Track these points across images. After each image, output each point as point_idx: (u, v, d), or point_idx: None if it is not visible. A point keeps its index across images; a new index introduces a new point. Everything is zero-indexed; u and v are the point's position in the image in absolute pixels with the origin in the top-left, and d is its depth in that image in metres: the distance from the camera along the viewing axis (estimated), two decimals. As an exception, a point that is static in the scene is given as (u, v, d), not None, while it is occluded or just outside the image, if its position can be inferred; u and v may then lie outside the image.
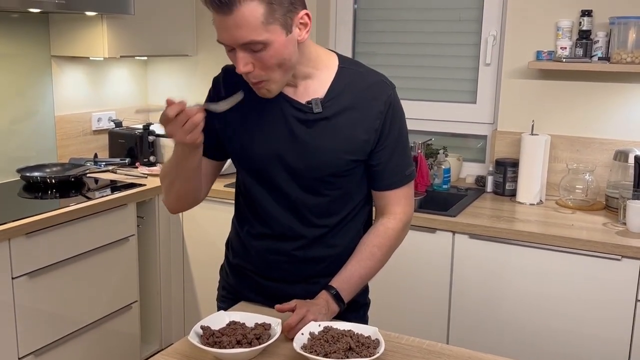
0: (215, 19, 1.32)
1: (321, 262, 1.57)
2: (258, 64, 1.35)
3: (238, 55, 1.34)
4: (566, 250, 2.22)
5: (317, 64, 1.47)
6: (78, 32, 2.87)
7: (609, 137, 2.65)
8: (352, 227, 1.59)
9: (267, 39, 1.31)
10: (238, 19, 1.28)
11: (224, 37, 1.33)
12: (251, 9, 1.28)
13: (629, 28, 2.41)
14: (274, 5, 1.30)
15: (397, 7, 3.11)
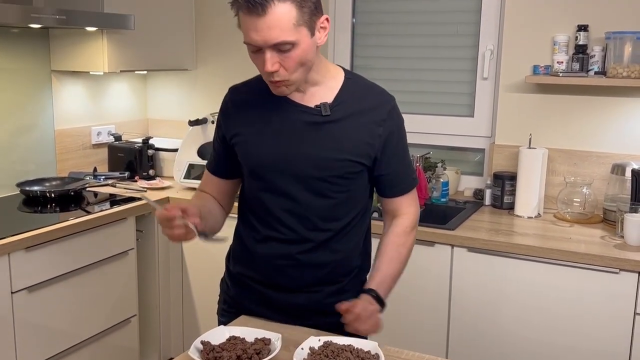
0: (246, 20, 1.38)
1: (324, 267, 1.60)
2: (284, 64, 1.41)
3: (266, 55, 1.40)
4: (564, 263, 2.23)
5: (326, 73, 1.55)
6: (78, 47, 2.89)
7: (606, 150, 2.67)
8: (355, 235, 1.64)
9: (296, 40, 1.38)
10: (271, 19, 1.35)
11: (255, 38, 1.39)
12: (285, 10, 1.35)
13: (625, 43, 2.43)
14: (303, 8, 1.38)
15: (395, 22, 3.14)
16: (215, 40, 3.38)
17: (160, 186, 3.02)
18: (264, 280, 1.63)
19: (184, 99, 3.52)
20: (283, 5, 1.35)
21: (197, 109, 3.43)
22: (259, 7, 1.34)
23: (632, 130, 2.62)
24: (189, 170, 3.03)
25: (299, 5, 1.37)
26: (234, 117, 1.60)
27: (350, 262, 1.65)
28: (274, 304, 1.63)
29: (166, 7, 3.14)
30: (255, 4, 1.35)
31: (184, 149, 3.13)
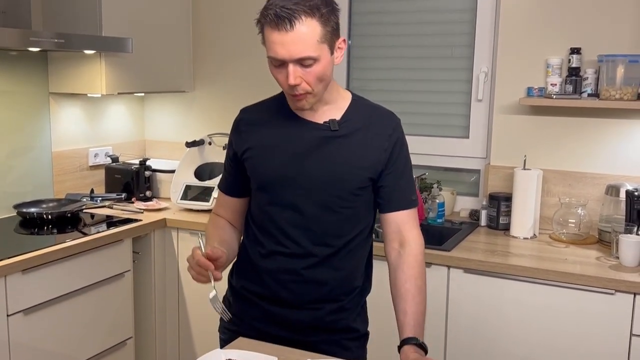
0: (272, 35, 1.45)
1: (326, 284, 1.63)
2: (305, 78, 1.48)
3: (290, 69, 1.47)
4: (560, 284, 2.24)
5: (336, 95, 1.65)
6: (76, 69, 2.92)
7: (600, 171, 2.69)
8: (357, 253, 1.68)
9: (319, 56, 1.47)
10: (297, 35, 1.43)
11: (280, 52, 1.45)
12: (310, 27, 1.44)
13: (617, 65, 2.46)
14: (326, 26, 1.47)
15: (391, 45, 3.17)
16: (212, 63, 3.41)
17: (156, 207, 3.03)
18: (267, 295, 1.66)
19: (181, 121, 3.54)
20: (309, 21, 1.44)
21: (194, 131, 3.45)
22: (286, 22, 1.42)
23: (626, 152, 2.64)
24: (186, 192, 3.04)
25: (323, 24, 1.46)
26: (245, 134, 1.66)
27: (352, 281, 1.69)
28: (276, 320, 1.66)
29: (164, 30, 3.18)
30: (283, 19, 1.42)
31: (181, 170, 3.14)
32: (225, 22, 3.34)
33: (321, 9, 1.45)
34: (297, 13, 1.42)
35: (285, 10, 1.42)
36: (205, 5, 3.37)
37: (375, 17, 3.19)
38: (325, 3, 1.48)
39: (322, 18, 1.45)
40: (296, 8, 1.43)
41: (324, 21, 1.46)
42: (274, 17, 1.43)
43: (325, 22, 1.46)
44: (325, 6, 1.47)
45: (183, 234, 2.90)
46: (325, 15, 1.46)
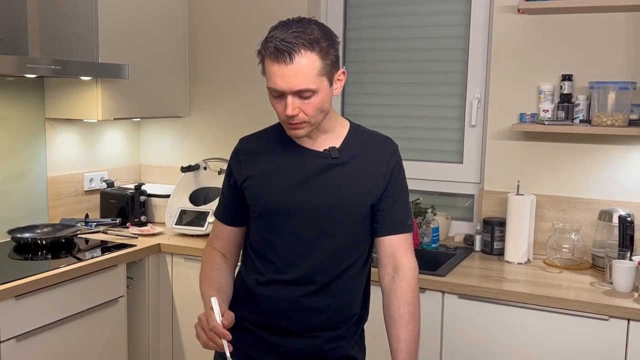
0: (272, 67, 1.47)
1: (324, 312, 1.63)
2: (303, 109, 1.50)
3: (288, 100, 1.49)
4: (554, 310, 2.24)
5: (335, 123, 1.67)
6: (73, 95, 2.93)
7: (593, 197, 2.70)
8: (356, 280, 1.68)
9: (317, 88, 1.50)
10: (297, 68, 1.45)
11: (280, 84, 1.48)
12: (310, 60, 1.47)
13: (608, 92, 2.49)
14: (326, 60, 1.50)
15: (385, 71, 3.20)
16: (208, 88, 3.44)
17: (151, 232, 3.03)
18: (265, 323, 1.66)
19: (177, 146, 3.55)
20: (309, 55, 1.46)
21: (189, 156, 3.46)
22: (286, 55, 1.45)
23: (618, 177, 2.66)
24: (181, 216, 3.04)
25: (323, 57, 1.48)
26: (245, 162, 1.67)
27: (350, 309, 1.69)
28: (273, 348, 1.66)
29: (160, 56, 3.20)
30: (283, 52, 1.45)
31: (176, 195, 3.14)
32: (221, 49, 3.37)
33: (321, 43, 1.48)
34: (296, 46, 1.45)
35: (285, 43, 1.45)
36: (201, 31, 3.41)
37: (370, 44, 3.23)
38: (325, 36, 1.50)
39: (322, 52, 1.48)
40: (296, 41, 1.45)
41: (324, 55, 1.48)
42: (274, 50, 1.46)
43: (324, 55, 1.49)
44: (325, 40, 1.49)
45: (177, 259, 2.89)
46: (325, 49, 1.49)
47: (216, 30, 3.38)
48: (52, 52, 2.85)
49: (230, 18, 3.33)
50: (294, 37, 1.45)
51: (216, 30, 3.38)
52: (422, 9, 3.11)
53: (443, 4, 3.06)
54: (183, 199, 3.13)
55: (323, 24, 1.55)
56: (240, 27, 3.30)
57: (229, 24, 3.34)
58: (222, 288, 1.66)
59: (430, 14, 3.09)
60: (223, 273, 1.71)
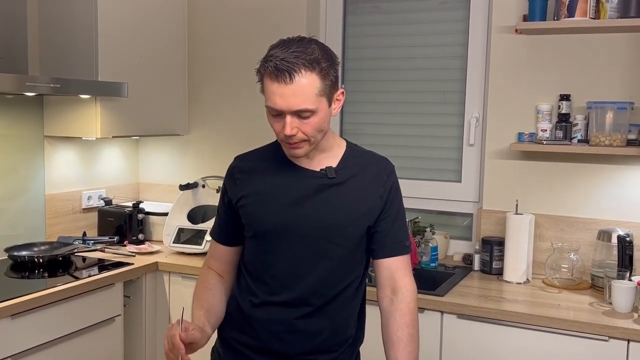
0: (272, 86, 1.46)
1: (319, 334, 1.61)
2: (302, 129, 1.49)
3: (287, 120, 1.48)
4: (554, 330, 2.22)
5: (332, 142, 1.65)
6: (72, 113, 2.94)
7: (591, 216, 2.70)
8: (351, 301, 1.66)
9: (316, 108, 1.49)
10: (297, 88, 1.44)
11: (279, 103, 1.46)
12: (310, 80, 1.46)
13: (606, 112, 2.50)
14: (325, 80, 1.49)
15: (384, 90, 3.22)
16: (207, 106, 3.45)
17: (149, 250, 3.02)
18: (258, 346, 1.63)
19: (176, 164, 3.55)
20: (309, 75, 1.46)
21: (188, 174, 3.46)
22: (286, 75, 1.44)
23: (617, 197, 2.66)
24: (179, 235, 3.03)
25: (323, 77, 1.48)
26: (240, 181, 1.66)
27: (345, 331, 1.67)
28: None
29: (159, 74, 3.21)
30: (283, 72, 1.44)
31: (174, 213, 3.14)
32: (221, 67, 3.39)
33: (321, 63, 1.47)
34: (297, 66, 1.44)
35: (285, 62, 1.44)
36: (200, 50, 3.42)
37: (368, 63, 3.24)
38: (326, 56, 1.50)
39: (322, 72, 1.47)
40: (296, 61, 1.44)
41: (324, 75, 1.48)
42: (274, 69, 1.45)
43: (324, 75, 1.48)
44: (326, 60, 1.49)
45: (175, 277, 2.88)
46: (325, 69, 1.48)
47: (215, 49, 3.39)
48: (52, 70, 2.86)
49: (230, 37, 3.35)
50: (295, 57, 1.45)
51: (215, 49, 3.39)
52: (421, 28, 3.13)
53: (441, 24, 3.08)
54: (181, 217, 3.12)
55: (323, 44, 1.54)
56: (239, 46, 3.32)
57: (228, 43, 3.35)
58: (212, 309, 1.65)
59: (429, 33, 3.11)
60: (216, 294, 1.70)
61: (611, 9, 2.47)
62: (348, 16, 3.28)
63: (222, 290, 1.72)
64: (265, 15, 3.24)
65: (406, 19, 3.16)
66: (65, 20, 2.86)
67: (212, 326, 1.62)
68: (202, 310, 1.62)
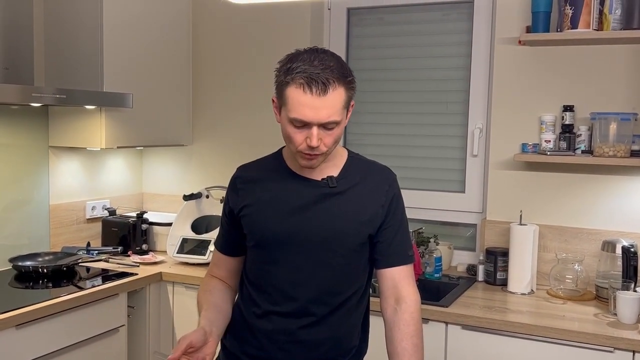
0: (302, 97, 1.45)
1: (322, 345, 1.61)
2: (324, 140, 1.50)
3: (314, 131, 1.48)
4: (558, 342, 2.22)
5: (334, 153, 1.64)
6: (77, 123, 2.95)
7: (595, 227, 2.70)
8: (354, 311, 1.66)
9: (341, 120, 1.51)
10: (328, 101, 1.45)
11: (309, 115, 1.46)
12: (339, 93, 1.48)
13: (609, 123, 2.50)
14: (349, 93, 1.52)
15: (388, 101, 3.23)
16: (211, 117, 3.46)
17: (153, 261, 3.02)
18: (262, 356, 1.63)
19: (180, 174, 3.56)
20: (340, 88, 1.48)
21: (192, 184, 3.47)
22: (321, 87, 1.44)
23: (621, 208, 2.66)
24: (182, 245, 3.03)
25: (348, 90, 1.50)
26: (243, 191, 1.66)
27: (349, 341, 1.67)
28: None
29: (164, 85, 3.23)
30: (317, 84, 1.44)
31: (178, 224, 3.14)
32: (224, 78, 3.40)
33: (347, 77, 1.50)
34: (331, 79, 1.45)
35: (319, 74, 1.44)
36: (205, 61, 3.44)
37: (372, 74, 3.25)
38: (348, 69, 1.52)
39: (348, 85, 1.50)
40: (330, 73, 1.45)
41: (349, 87, 1.50)
42: (309, 80, 1.44)
43: (350, 88, 1.51)
44: (350, 73, 1.52)
45: (178, 288, 2.88)
46: (350, 82, 1.51)
47: (219, 60, 3.41)
48: (57, 81, 2.88)
49: (234, 48, 3.36)
50: (325, 69, 1.45)
51: (219, 60, 3.41)
52: (424, 39, 3.15)
53: (444, 35, 3.10)
54: (185, 228, 3.12)
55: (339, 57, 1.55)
56: (243, 58, 3.33)
57: (232, 54, 3.37)
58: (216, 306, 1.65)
59: (432, 44, 3.13)
60: (216, 294, 1.70)
61: (614, 20, 2.48)
62: (352, 27, 3.30)
63: (225, 292, 1.72)
64: (270, 27, 3.26)
65: (410, 30, 3.17)
66: (71, 31, 2.88)
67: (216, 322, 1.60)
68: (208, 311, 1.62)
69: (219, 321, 1.62)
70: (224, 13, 3.36)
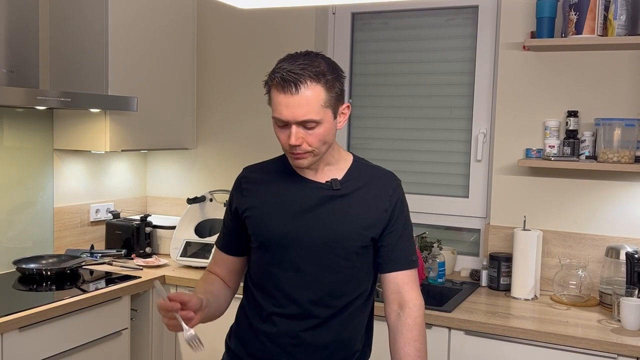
0: (278, 97, 1.50)
1: (326, 348, 1.62)
2: (307, 139, 1.51)
3: (292, 130, 1.51)
4: (562, 348, 2.21)
5: (338, 156, 1.66)
6: (81, 126, 2.96)
7: (599, 233, 2.69)
8: (358, 315, 1.66)
9: (321, 119, 1.52)
10: (302, 98, 1.48)
11: (285, 113, 1.50)
12: (315, 92, 1.50)
13: (614, 129, 2.50)
14: (331, 92, 1.52)
15: (391, 105, 3.23)
16: (215, 121, 3.46)
17: (156, 264, 3.02)
18: (266, 358, 1.64)
19: (184, 177, 3.57)
20: (314, 87, 1.49)
21: (196, 187, 3.48)
22: (292, 86, 1.47)
23: (625, 214, 2.66)
24: (186, 248, 3.04)
25: (328, 89, 1.51)
26: (247, 192, 1.68)
27: (352, 345, 1.67)
28: None
29: (168, 89, 3.24)
30: (289, 83, 1.47)
31: (182, 227, 3.14)
32: (229, 82, 3.41)
33: (327, 76, 1.51)
34: (302, 78, 1.48)
35: (291, 74, 1.48)
36: (209, 64, 3.45)
37: (376, 79, 3.26)
38: (332, 70, 1.53)
39: (327, 84, 1.51)
40: (302, 73, 1.48)
41: (329, 87, 1.51)
42: (280, 80, 1.48)
43: (329, 88, 1.51)
44: (331, 73, 1.52)
45: (182, 291, 2.86)
46: (330, 82, 1.51)
47: (223, 64, 3.42)
48: (62, 84, 2.89)
49: (238, 52, 3.37)
50: (301, 69, 1.48)
51: (223, 64, 3.42)
52: (428, 44, 3.15)
53: (449, 40, 3.10)
54: (188, 231, 3.13)
55: (330, 58, 1.58)
56: (247, 62, 3.34)
57: (236, 58, 3.38)
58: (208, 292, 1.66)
59: (436, 49, 3.13)
60: (215, 285, 1.72)
61: (619, 26, 2.48)
62: (356, 32, 3.31)
63: (223, 287, 1.74)
64: (274, 31, 3.26)
65: (414, 35, 3.18)
66: (76, 34, 2.89)
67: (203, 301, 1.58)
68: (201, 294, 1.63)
69: (211, 305, 1.63)
70: (229, 17, 3.37)
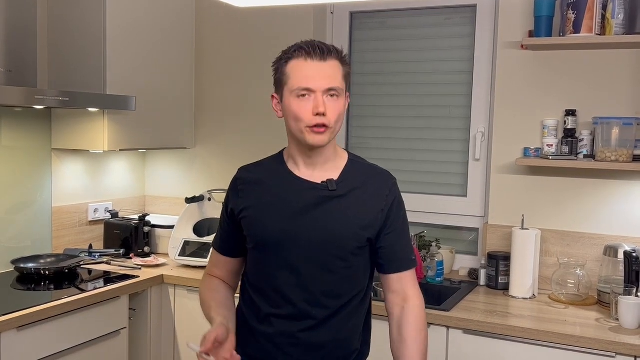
0: (305, 65, 1.54)
1: (323, 347, 1.62)
2: (328, 113, 1.54)
3: (319, 97, 1.53)
4: (560, 346, 2.21)
5: (335, 154, 1.66)
6: (80, 126, 2.95)
7: (598, 232, 2.69)
8: (356, 315, 1.66)
9: (342, 90, 1.58)
10: (329, 66, 1.55)
11: (313, 80, 1.54)
12: (337, 63, 1.58)
13: (612, 128, 2.50)
14: (345, 68, 1.60)
15: (390, 104, 3.23)
16: (213, 120, 3.46)
17: (154, 263, 3.02)
18: (263, 359, 1.64)
19: (182, 177, 3.57)
20: (336, 61, 1.57)
21: (194, 187, 3.47)
22: (321, 53, 1.54)
23: (623, 212, 2.66)
24: (184, 248, 3.04)
25: (344, 65, 1.60)
26: (243, 192, 1.67)
27: (350, 344, 1.67)
28: None
29: (166, 88, 3.24)
30: (318, 50, 1.55)
31: (180, 226, 3.14)
32: (227, 81, 3.41)
33: (341, 53, 1.59)
34: (328, 47, 1.57)
35: (316, 44, 1.55)
36: (207, 64, 3.45)
37: (374, 78, 3.26)
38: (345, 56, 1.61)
39: (343, 61, 1.58)
40: (327, 45, 1.57)
41: (345, 64, 1.58)
42: (310, 48, 1.54)
43: (345, 65, 1.59)
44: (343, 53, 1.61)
45: (180, 290, 2.88)
46: (345, 60, 1.59)
47: (222, 63, 3.42)
48: (61, 83, 2.89)
49: (236, 52, 3.37)
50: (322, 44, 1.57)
51: (222, 63, 3.42)
52: (427, 43, 3.15)
53: (447, 39, 3.10)
54: (187, 230, 3.13)
55: None
56: (246, 61, 3.34)
57: (235, 58, 3.38)
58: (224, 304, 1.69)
59: (435, 48, 3.13)
60: (221, 291, 1.74)
61: (617, 25, 2.48)
62: (354, 31, 3.31)
63: (227, 290, 1.76)
64: (272, 31, 3.26)
65: (412, 34, 3.18)
66: (74, 34, 2.89)
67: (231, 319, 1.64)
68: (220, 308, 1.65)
69: (232, 318, 1.66)
70: (227, 16, 3.37)
